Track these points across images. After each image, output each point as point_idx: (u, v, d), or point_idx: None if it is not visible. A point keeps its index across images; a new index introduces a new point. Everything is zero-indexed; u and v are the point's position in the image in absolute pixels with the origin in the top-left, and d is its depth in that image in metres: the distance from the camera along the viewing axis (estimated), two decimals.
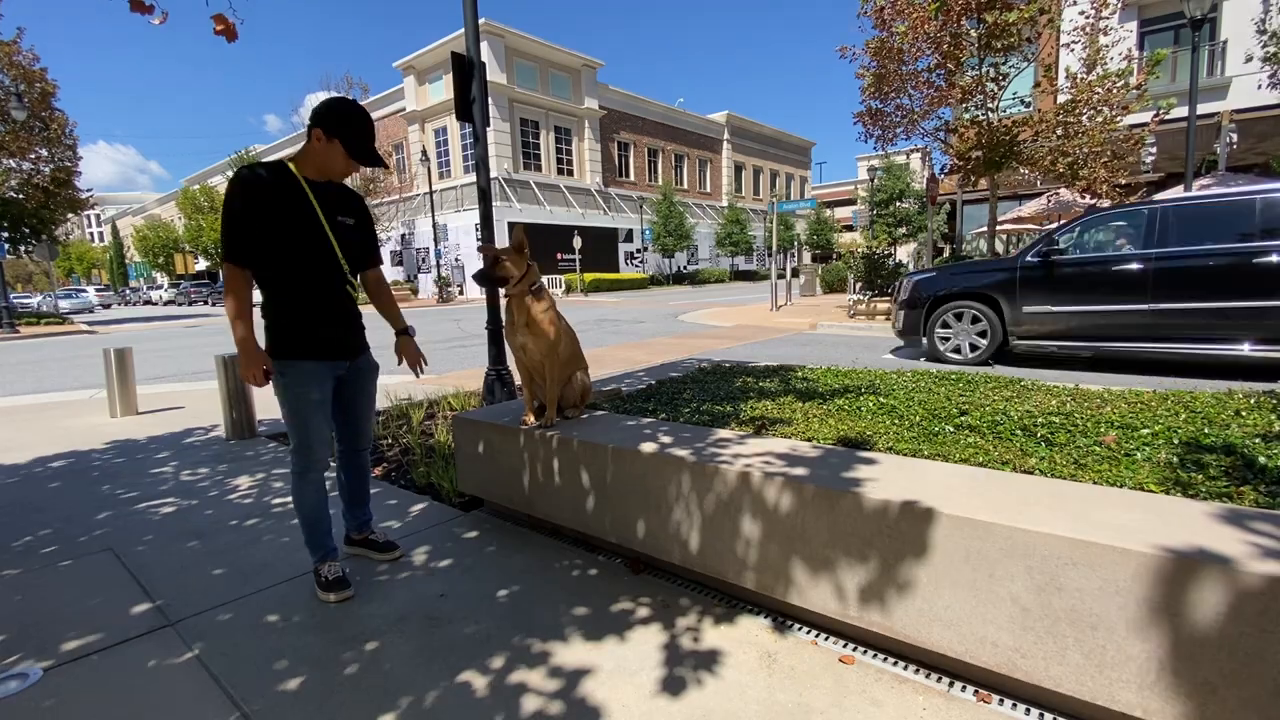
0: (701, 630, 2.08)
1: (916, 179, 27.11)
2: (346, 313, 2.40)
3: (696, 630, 2.08)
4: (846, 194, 50.73)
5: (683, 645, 1.99)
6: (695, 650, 1.96)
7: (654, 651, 1.96)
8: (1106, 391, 2.89)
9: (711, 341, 10.79)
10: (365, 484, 2.70)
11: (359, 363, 2.50)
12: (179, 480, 3.86)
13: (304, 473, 2.37)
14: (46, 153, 19.91)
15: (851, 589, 1.83)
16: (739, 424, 2.64)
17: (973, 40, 10.45)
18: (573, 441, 2.58)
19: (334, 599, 2.33)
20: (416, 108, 34.75)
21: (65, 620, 2.26)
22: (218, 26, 2.86)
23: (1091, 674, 1.46)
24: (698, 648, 1.98)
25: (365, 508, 2.72)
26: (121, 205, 72.54)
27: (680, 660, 1.91)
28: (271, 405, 5.70)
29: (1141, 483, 1.78)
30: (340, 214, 2.33)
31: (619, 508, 2.44)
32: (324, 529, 2.45)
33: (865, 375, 3.61)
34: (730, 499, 2.07)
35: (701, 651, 1.96)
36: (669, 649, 1.97)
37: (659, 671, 1.86)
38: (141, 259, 55.80)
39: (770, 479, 1.96)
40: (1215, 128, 14.06)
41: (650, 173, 41.71)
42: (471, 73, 4.52)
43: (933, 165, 16.18)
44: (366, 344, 2.53)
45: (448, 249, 31.76)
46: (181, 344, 13.93)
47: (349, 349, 2.42)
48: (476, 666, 1.92)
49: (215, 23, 2.86)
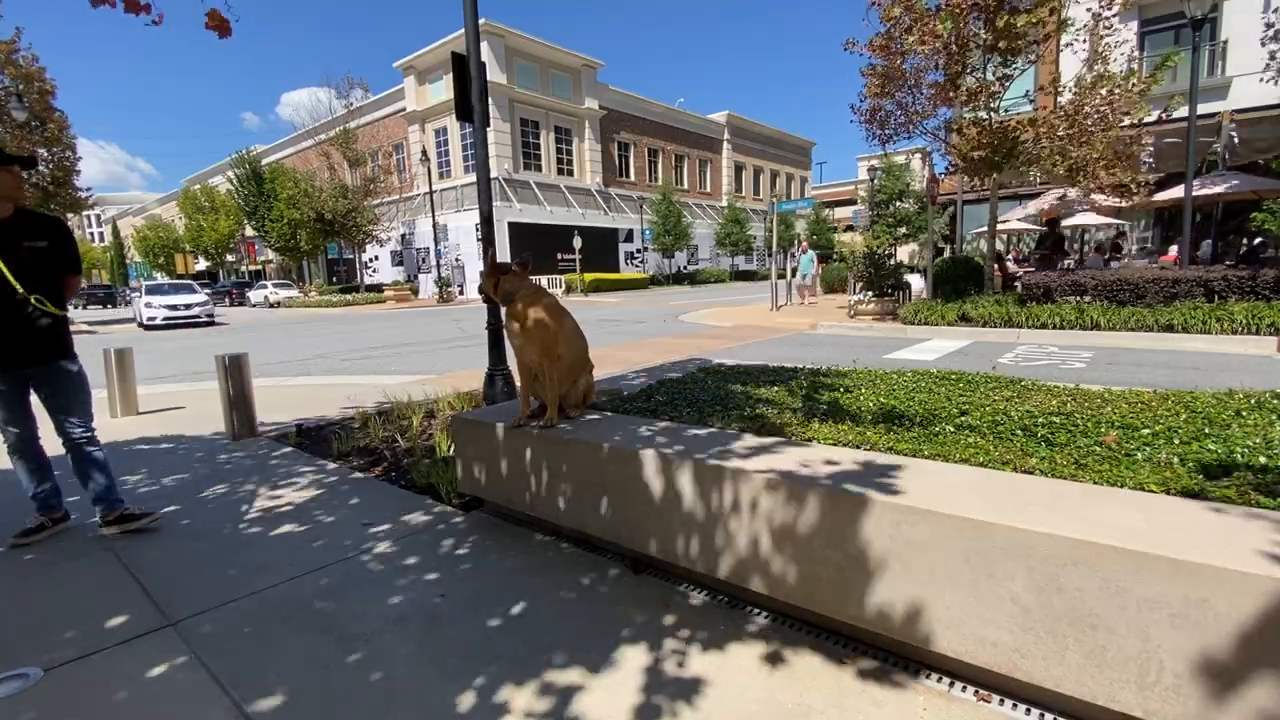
0: (702, 630, 2.07)
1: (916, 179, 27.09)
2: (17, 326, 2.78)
3: (697, 631, 2.08)
4: (847, 194, 50.69)
5: (683, 645, 1.99)
6: (696, 651, 1.96)
7: (654, 652, 1.96)
8: (1107, 392, 2.88)
9: (712, 342, 10.79)
10: (82, 469, 3.03)
11: (45, 370, 2.91)
12: (179, 480, 3.86)
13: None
14: (45, 152, 19.91)
15: (851, 589, 1.83)
16: (739, 424, 2.63)
17: (980, 43, 10.43)
18: (573, 442, 2.57)
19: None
20: (416, 108, 34.75)
21: (65, 620, 2.26)
22: (210, 22, 2.84)
23: (1091, 674, 1.46)
24: (698, 648, 1.98)
25: (94, 491, 3.03)
26: (122, 205, 72.59)
27: (681, 660, 1.91)
28: (272, 406, 5.72)
29: (1142, 483, 1.78)
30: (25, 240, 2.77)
31: (619, 508, 2.44)
32: (27, 486, 3.02)
33: (865, 375, 3.61)
34: (730, 499, 2.07)
35: (702, 652, 1.96)
36: (669, 649, 1.97)
37: (659, 671, 1.86)
38: (142, 259, 55.79)
39: (769, 480, 1.96)
40: (1215, 127, 14.05)
41: (650, 173, 41.70)
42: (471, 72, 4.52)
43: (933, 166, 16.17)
44: (51, 352, 2.91)
45: (448, 249, 31.74)
46: (182, 344, 13.93)
47: (23, 358, 2.84)
48: (477, 667, 1.92)
49: (209, 19, 2.83)
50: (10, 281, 2.70)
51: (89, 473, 3.02)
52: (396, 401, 5.28)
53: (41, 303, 2.80)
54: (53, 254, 2.88)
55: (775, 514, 1.96)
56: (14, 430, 2.95)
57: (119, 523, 3.02)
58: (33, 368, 2.90)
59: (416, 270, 35.16)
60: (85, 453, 3.02)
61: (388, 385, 6.84)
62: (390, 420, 4.88)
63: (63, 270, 2.95)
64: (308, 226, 30.92)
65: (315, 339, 13.88)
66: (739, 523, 2.06)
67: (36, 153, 19.59)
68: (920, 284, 14.48)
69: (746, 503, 2.02)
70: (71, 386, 2.99)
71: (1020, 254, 22.49)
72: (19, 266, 2.74)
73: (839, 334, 11.49)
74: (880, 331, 11.36)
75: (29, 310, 2.78)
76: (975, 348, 8.94)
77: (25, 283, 2.74)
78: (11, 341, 2.79)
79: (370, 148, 35.87)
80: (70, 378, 2.99)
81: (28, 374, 2.92)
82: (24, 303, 2.75)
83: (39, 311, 2.80)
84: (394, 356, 10.24)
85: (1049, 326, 9.58)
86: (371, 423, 4.78)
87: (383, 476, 3.78)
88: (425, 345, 11.71)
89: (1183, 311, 8.71)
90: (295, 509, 3.29)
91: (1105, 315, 9.24)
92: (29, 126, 18.86)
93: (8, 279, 2.70)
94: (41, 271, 2.83)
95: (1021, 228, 18.96)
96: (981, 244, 18.91)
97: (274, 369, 8.38)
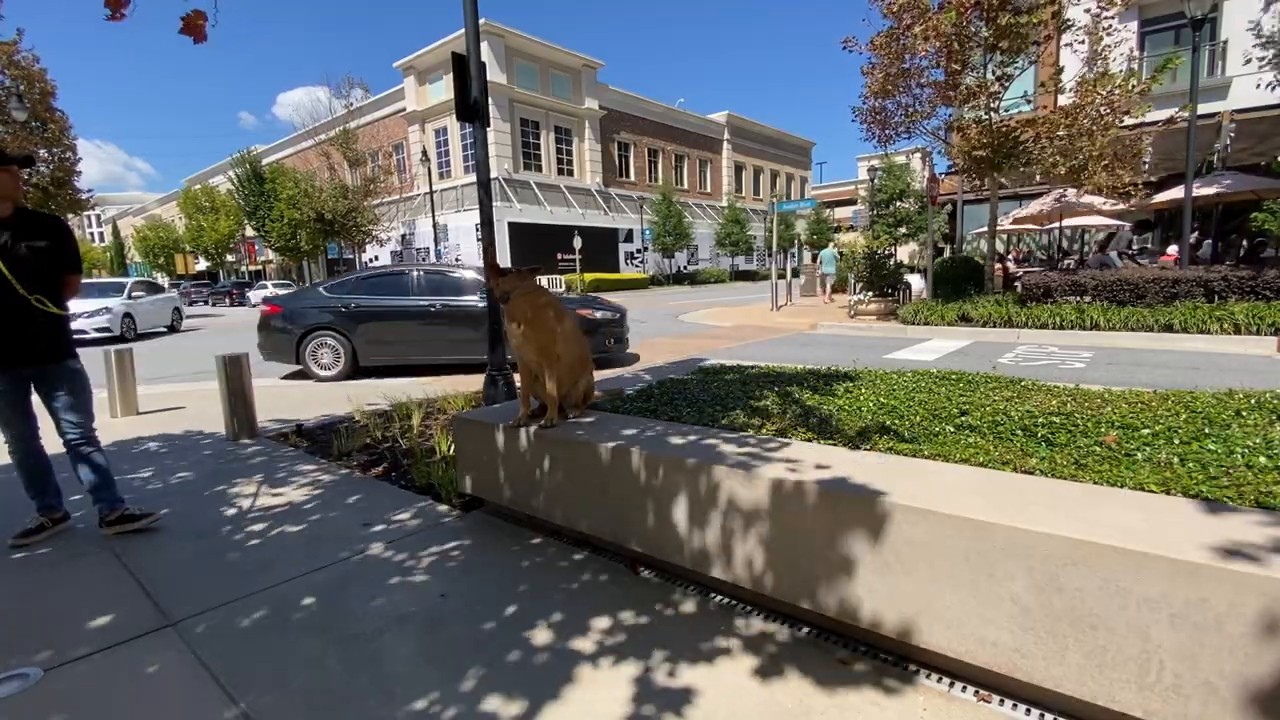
0: (702, 630, 2.07)
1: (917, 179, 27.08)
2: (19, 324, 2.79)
3: (697, 630, 2.08)
4: (847, 194, 50.67)
5: (683, 645, 1.99)
6: (696, 650, 1.96)
7: (654, 652, 1.96)
8: (1107, 392, 2.88)
9: (712, 341, 10.79)
10: (83, 469, 3.02)
11: (46, 369, 2.92)
12: (179, 480, 3.86)
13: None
14: (46, 153, 19.91)
15: (851, 589, 1.83)
16: (738, 425, 2.63)
17: (980, 41, 10.43)
18: (573, 442, 2.58)
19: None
20: (417, 108, 34.77)
21: (65, 620, 2.26)
22: (184, 26, 2.65)
23: (1091, 674, 1.46)
24: (698, 648, 1.98)
25: (95, 492, 3.03)
26: (122, 205, 72.61)
27: (680, 660, 1.91)
28: (273, 406, 5.72)
29: (1142, 483, 1.78)
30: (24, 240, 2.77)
31: (619, 508, 2.44)
32: (27, 486, 3.03)
33: (865, 375, 3.61)
34: (729, 500, 2.07)
35: (702, 652, 1.95)
36: (669, 649, 1.97)
37: (659, 671, 1.86)
38: (142, 259, 55.80)
39: (769, 480, 1.96)
40: (1215, 127, 14.04)
41: (650, 173, 41.70)
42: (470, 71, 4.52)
43: (933, 165, 16.17)
44: (51, 352, 2.92)
45: (448, 249, 31.75)
46: (182, 344, 13.93)
47: (23, 358, 2.85)
48: (477, 667, 1.92)
49: (183, 22, 2.63)
50: (10, 281, 2.71)
51: (89, 472, 3.02)
52: (396, 402, 5.28)
53: (42, 302, 2.80)
54: (53, 254, 2.88)
55: (775, 514, 1.96)
56: (14, 430, 2.95)
57: (119, 523, 3.02)
58: (33, 367, 2.91)
59: None
60: (85, 452, 3.02)
61: (388, 385, 6.84)
62: (390, 420, 4.88)
63: (63, 270, 2.95)
64: (308, 226, 30.90)
65: None
66: (739, 523, 2.06)
67: (36, 153, 19.62)
68: (920, 284, 14.49)
69: (746, 503, 2.02)
70: (73, 386, 2.99)
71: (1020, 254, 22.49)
72: (19, 266, 2.74)
73: (839, 334, 11.49)
74: (880, 331, 11.36)
75: (29, 310, 2.78)
76: (975, 348, 8.94)
77: (25, 282, 2.74)
78: (12, 341, 2.80)
79: (370, 148, 35.87)
80: (71, 377, 3.00)
81: (28, 374, 2.92)
82: (24, 302, 2.75)
83: (39, 311, 2.80)
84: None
85: (1049, 326, 9.58)
86: (371, 423, 4.79)
87: (383, 476, 3.78)
88: None
89: (1183, 311, 8.71)
90: (295, 509, 3.29)
91: (1105, 315, 9.24)
92: (29, 127, 18.87)
93: (8, 279, 2.70)
94: (42, 271, 2.83)
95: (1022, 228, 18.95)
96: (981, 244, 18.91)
97: (274, 369, 8.38)
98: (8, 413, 2.92)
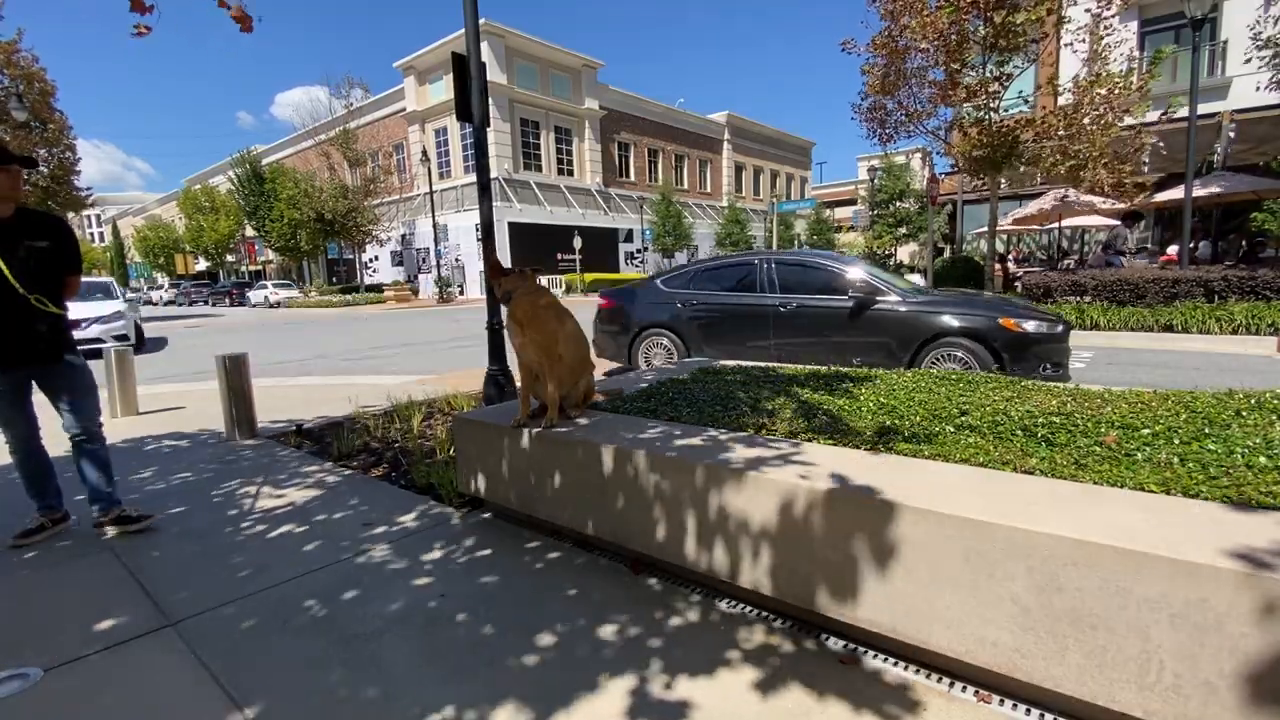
0: (701, 630, 2.08)
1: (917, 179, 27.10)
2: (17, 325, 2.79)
3: (696, 630, 2.08)
4: (847, 194, 50.69)
5: (683, 645, 1.99)
6: (695, 650, 1.96)
7: (654, 651, 1.96)
8: (1107, 392, 2.88)
9: None
10: (84, 466, 3.03)
11: (47, 369, 2.93)
12: (179, 480, 3.86)
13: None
14: (45, 153, 19.92)
15: (851, 589, 1.83)
16: (738, 425, 2.63)
17: (979, 39, 10.44)
18: (573, 442, 2.58)
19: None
20: (417, 108, 34.73)
21: (65, 620, 2.26)
22: (233, 12, 2.88)
23: (1091, 674, 1.46)
24: (698, 647, 1.98)
25: (94, 490, 3.04)
26: (122, 205, 72.59)
27: (681, 661, 1.91)
28: (272, 406, 5.72)
29: (1142, 483, 1.78)
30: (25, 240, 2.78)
31: (620, 509, 2.44)
32: (28, 486, 3.02)
33: (865, 375, 3.60)
34: (730, 500, 2.07)
35: (702, 651, 1.95)
36: (669, 649, 1.97)
37: (659, 671, 1.86)
38: (142, 259, 55.81)
39: (769, 480, 1.96)
40: (1215, 127, 14.05)
41: (650, 173, 41.67)
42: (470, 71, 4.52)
43: (933, 165, 16.17)
44: (52, 351, 2.92)
45: (448, 249, 31.74)
46: (182, 344, 13.93)
47: (24, 358, 2.85)
48: (478, 667, 1.92)
49: (233, 9, 2.87)
50: (11, 281, 2.71)
51: (90, 470, 3.02)
52: (397, 402, 5.29)
53: (42, 302, 2.80)
54: (54, 254, 2.88)
55: (775, 514, 1.96)
56: (15, 430, 2.95)
57: (116, 524, 3.03)
58: (34, 367, 2.91)
59: (417, 270, 35.17)
60: (88, 449, 3.02)
61: (388, 385, 6.84)
62: (390, 420, 4.88)
63: (64, 270, 2.95)
64: (308, 226, 30.92)
65: (315, 339, 13.88)
66: (739, 523, 2.06)
67: (36, 153, 19.63)
68: (921, 284, 14.49)
69: (746, 503, 2.02)
70: (77, 384, 3.00)
71: (1021, 254, 22.50)
72: (20, 266, 2.74)
73: None
74: None
75: (29, 310, 2.77)
76: None
77: (26, 282, 2.74)
78: (12, 341, 2.79)
79: (370, 148, 35.88)
80: (74, 374, 3.00)
81: (29, 374, 2.92)
82: (24, 303, 2.75)
83: (39, 311, 2.80)
84: (394, 356, 10.24)
85: None
86: (372, 423, 4.78)
87: (383, 477, 3.78)
88: (425, 345, 11.71)
89: (1183, 311, 8.71)
90: (295, 509, 3.29)
91: (1105, 315, 9.24)
92: (29, 127, 18.87)
93: (8, 279, 2.70)
94: (42, 271, 2.83)
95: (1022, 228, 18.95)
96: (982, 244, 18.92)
97: (274, 369, 8.38)
98: (8, 413, 2.92)
